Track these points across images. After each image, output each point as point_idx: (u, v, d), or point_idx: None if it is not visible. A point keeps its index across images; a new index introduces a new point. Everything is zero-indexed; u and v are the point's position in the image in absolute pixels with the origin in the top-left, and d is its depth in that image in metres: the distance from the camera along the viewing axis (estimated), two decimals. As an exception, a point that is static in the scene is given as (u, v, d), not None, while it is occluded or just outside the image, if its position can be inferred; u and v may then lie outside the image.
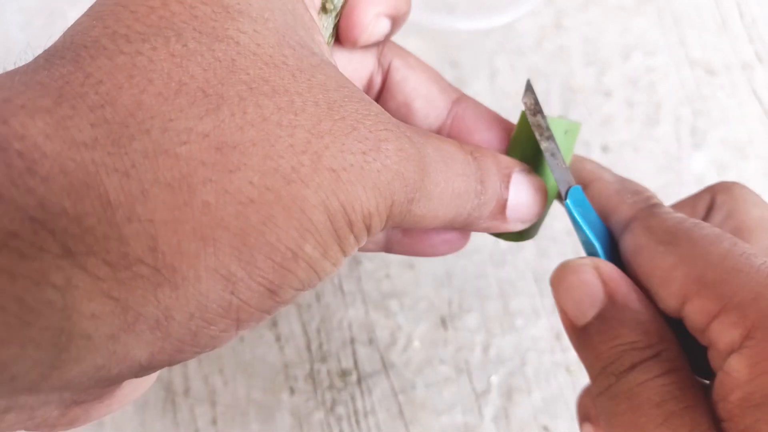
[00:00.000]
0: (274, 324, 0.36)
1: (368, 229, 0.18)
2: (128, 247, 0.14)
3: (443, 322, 0.37)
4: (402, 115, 0.24)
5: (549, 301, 0.38)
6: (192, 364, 0.35)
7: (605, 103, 0.43)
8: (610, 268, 0.20)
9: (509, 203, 0.21)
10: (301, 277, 0.17)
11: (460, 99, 0.25)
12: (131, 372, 0.16)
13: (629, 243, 0.21)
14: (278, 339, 0.36)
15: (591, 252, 0.22)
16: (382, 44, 0.24)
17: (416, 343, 0.37)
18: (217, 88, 0.15)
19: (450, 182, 0.19)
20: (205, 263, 0.15)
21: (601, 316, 0.20)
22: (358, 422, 0.35)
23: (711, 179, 0.41)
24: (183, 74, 0.15)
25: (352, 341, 0.36)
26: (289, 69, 0.17)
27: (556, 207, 0.40)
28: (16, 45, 0.42)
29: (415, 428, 0.35)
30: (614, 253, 0.22)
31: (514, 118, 0.25)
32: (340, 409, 0.35)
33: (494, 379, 0.36)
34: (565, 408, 0.36)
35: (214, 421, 0.34)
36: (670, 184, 0.40)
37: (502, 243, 0.39)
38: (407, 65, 0.25)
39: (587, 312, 0.20)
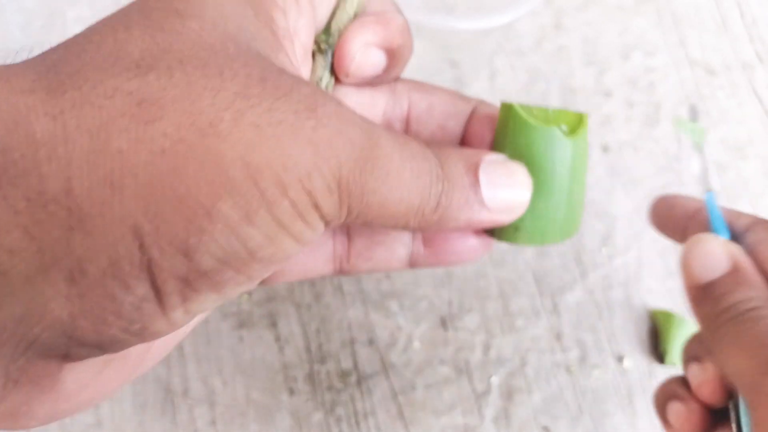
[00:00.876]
0: (274, 324, 0.36)
1: (312, 197, 0.17)
2: (46, 184, 0.14)
3: (443, 323, 0.37)
4: (439, 139, 0.25)
5: (549, 301, 0.38)
6: (191, 364, 0.35)
7: (605, 103, 0.43)
8: (736, 246, 0.23)
9: (485, 191, 0.20)
10: (219, 241, 0.16)
11: (479, 106, 0.25)
12: (58, 339, 0.15)
13: (752, 239, 0.24)
14: (278, 339, 0.36)
15: None
16: (391, 83, 0.24)
17: (416, 344, 0.36)
18: (149, 60, 0.16)
19: (406, 161, 0.19)
20: (112, 211, 0.15)
21: (724, 278, 0.23)
22: (357, 423, 0.35)
23: (711, 179, 0.41)
24: (121, 52, 0.16)
25: (352, 342, 0.36)
26: (227, 53, 0.17)
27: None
28: (16, 45, 0.42)
29: (415, 429, 0.35)
30: None
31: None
32: (340, 410, 0.35)
33: (494, 380, 0.36)
34: (565, 408, 0.36)
35: (213, 422, 0.34)
36: (670, 184, 0.40)
37: (502, 243, 0.39)
38: (427, 92, 0.25)
39: (712, 273, 0.23)
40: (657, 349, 0.37)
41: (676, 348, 0.36)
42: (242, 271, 0.17)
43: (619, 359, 0.37)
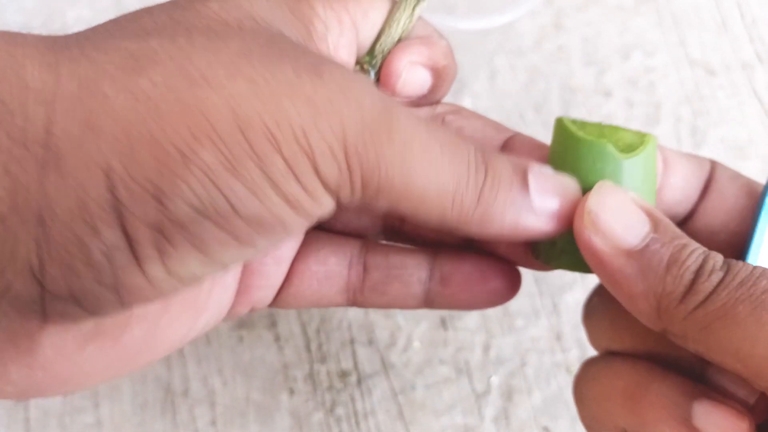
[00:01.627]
0: (274, 324, 0.36)
1: (311, 158, 0.16)
2: (29, 124, 0.15)
3: (443, 323, 0.37)
4: None
5: (549, 301, 0.38)
6: (191, 364, 0.35)
7: (605, 103, 0.43)
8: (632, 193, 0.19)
9: (534, 196, 0.19)
10: (195, 188, 0.15)
11: (515, 136, 0.23)
12: (30, 288, 0.15)
13: None
14: (277, 339, 0.36)
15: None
16: (432, 103, 0.23)
17: (416, 344, 0.36)
18: (156, 29, 0.16)
19: (435, 139, 0.17)
20: (86, 151, 0.15)
21: (659, 233, 0.18)
22: (357, 423, 0.35)
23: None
24: (135, 27, 0.17)
25: (352, 342, 0.36)
26: (238, 26, 0.17)
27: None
28: (15, 45, 0.42)
29: (415, 429, 0.35)
30: None
31: (515, 119, 0.25)
32: (340, 410, 0.35)
33: (494, 380, 0.36)
34: (565, 408, 0.36)
35: (213, 422, 0.34)
36: (670, 184, 0.40)
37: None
38: (461, 116, 0.24)
39: (641, 232, 0.18)
40: (657, 349, 0.37)
41: (676, 348, 0.36)
42: (224, 226, 0.16)
43: (619, 359, 0.37)
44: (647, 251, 0.18)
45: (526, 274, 0.40)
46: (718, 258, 0.18)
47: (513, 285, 0.23)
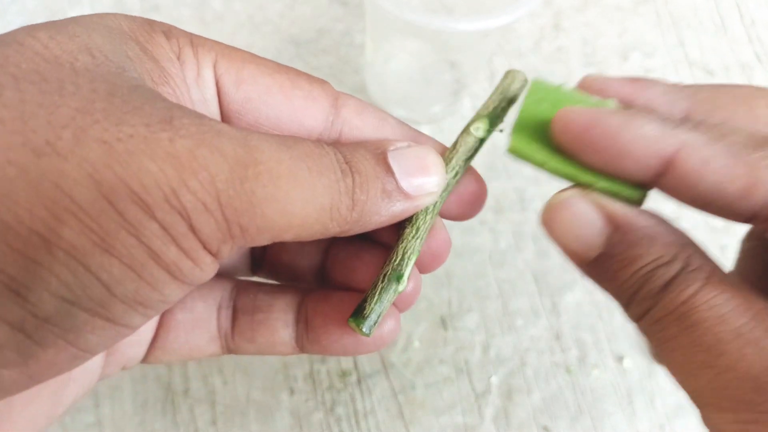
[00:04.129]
0: (274, 324, 0.36)
1: (186, 218, 0.14)
2: None
3: (443, 322, 0.37)
4: None
5: (548, 301, 0.38)
6: (192, 364, 0.35)
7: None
8: (597, 194, 0.19)
9: (399, 177, 0.19)
10: (61, 275, 0.13)
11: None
12: None
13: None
14: (278, 339, 0.36)
15: None
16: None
17: (416, 344, 0.37)
18: None
19: (300, 160, 0.16)
20: None
21: (611, 243, 0.18)
22: (357, 422, 0.35)
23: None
24: None
25: (352, 341, 0.36)
26: (72, 66, 0.15)
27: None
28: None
29: (415, 428, 0.35)
30: None
31: (514, 118, 0.25)
32: (340, 410, 0.35)
33: (494, 379, 0.36)
34: (564, 408, 0.36)
35: (213, 421, 0.34)
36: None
37: (502, 243, 0.39)
38: (360, 117, 0.22)
39: (593, 243, 0.18)
40: (656, 349, 0.37)
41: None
42: (98, 313, 0.14)
43: (619, 359, 0.37)
44: (599, 263, 0.18)
45: (526, 275, 0.40)
46: (657, 283, 0.17)
47: (367, 340, 0.21)
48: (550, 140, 0.19)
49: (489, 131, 0.21)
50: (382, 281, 0.20)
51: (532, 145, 0.20)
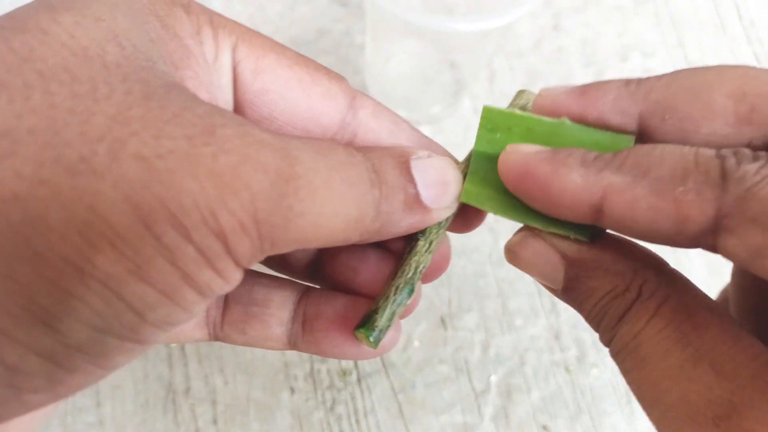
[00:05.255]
0: (275, 324, 0.36)
1: (223, 239, 0.13)
2: None
3: (443, 322, 0.37)
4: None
5: (548, 300, 0.38)
6: (192, 363, 0.35)
7: (604, 103, 0.43)
8: (550, 235, 0.19)
9: (421, 190, 0.18)
10: (94, 305, 0.13)
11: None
12: None
13: None
14: (278, 339, 0.36)
15: None
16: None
17: (416, 343, 0.37)
18: (1, 76, 0.13)
19: (335, 170, 0.16)
20: None
21: (569, 278, 0.18)
22: (358, 421, 0.35)
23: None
24: None
25: (352, 341, 0.36)
26: (103, 61, 0.14)
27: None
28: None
29: (415, 427, 0.35)
30: None
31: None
32: (340, 409, 0.35)
33: (493, 379, 0.36)
34: (564, 407, 0.36)
35: (214, 421, 0.34)
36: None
37: (501, 242, 0.39)
38: (377, 119, 0.21)
39: (555, 277, 0.18)
40: (655, 348, 0.37)
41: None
42: (128, 337, 0.14)
43: (618, 358, 0.37)
44: (566, 296, 0.19)
45: (525, 274, 0.40)
46: (613, 315, 0.17)
47: (368, 349, 0.20)
48: (492, 200, 0.20)
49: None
50: (394, 293, 0.20)
51: (486, 190, 0.20)
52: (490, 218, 0.39)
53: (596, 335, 0.37)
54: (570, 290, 0.18)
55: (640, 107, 0.18)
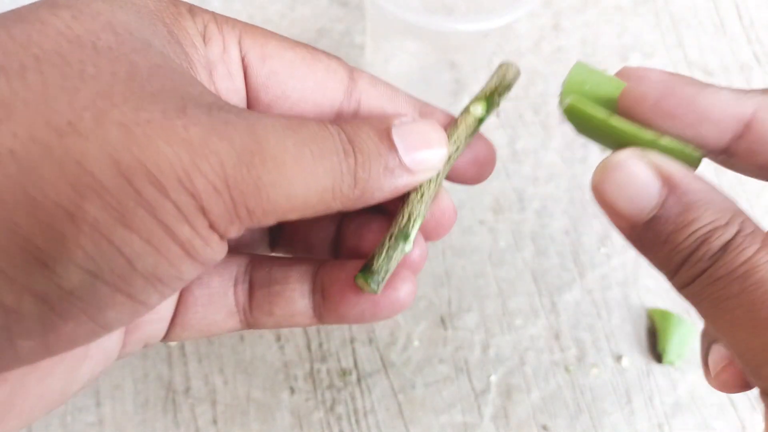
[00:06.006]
0: (274, 324, 0.37)
1: (197, 199, 0.15)
2: None
3: (442, 322, 0.37)
4: None
5: (548, 300, 0.38)
6: (192, 363, 0.35)
7: (604, 103, 0.43)
8: (655, 155, 0.19)
9: (402, 153, 0.19)
10: (87, 248, 0.14)
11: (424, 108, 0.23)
12: None
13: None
14: (278, 338, 0.36)
15: None
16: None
17: (416, 343, 0.37)
18: (1, 59, 0.15)
19: (304, 145, 0.17)
20: None
21: (667, 206, 0.18)
22: (357, 421, 0.35)
23: (709, 179, 0.41)
24: None
25: (352, 341, 0.36)
26: (94, 46, 0.15)
27: (556, 211, 0.40)
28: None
29: (415, 427, 0.35)
30: None
31: (514, 119, 0.25)
32: (340, 409, 0.35)
33: (493, 379, 0.36)
34: (564, 407, 0.36)
35: (214, 421, 0.34)
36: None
37: (501, 242, 0.39)
38: (374, 87, 0.23)
39: (648, 205, 0.18)
40: (655, 349, 0.37)
41: (673, 347, 0.36)
42: (120, 287, 0.15)
43: (618, 358, 0.37)
44: (652, 226, 0.18)
45: (525, 274, 0.40)
46: (715, 244, 0.17)
47: (393, 299, 0.21)
48: (602, 110, 0.20)
49: (487, 112, 0.23)
50: (389, 240, 0.21)
51: (589, 105, 0.20)
52: (491, 218, 0.39)
53: (596, 335, 0.37)
54: (661, 220, 0.18)
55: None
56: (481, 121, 0.22)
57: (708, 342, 0.24)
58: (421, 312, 0.37)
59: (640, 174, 0.18)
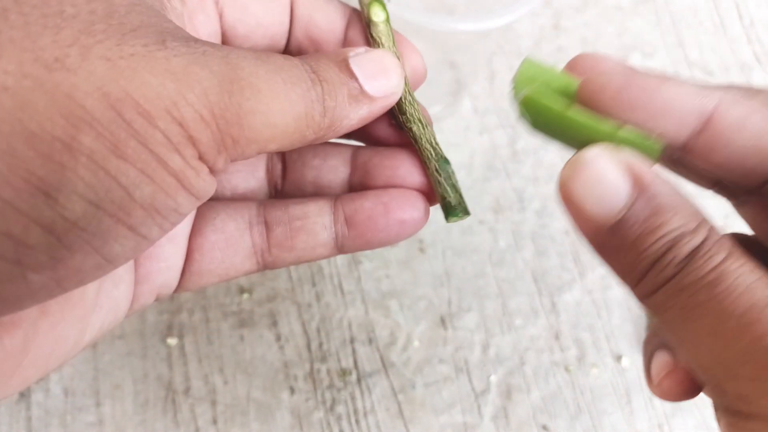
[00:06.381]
0: (274, 323, 0.36)
1: (185, 128, 0.15)
2: None
3: (442, 322, 0.37)
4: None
5: (548, 300, 0.38)
6: (192, 363, 0.35)
7: (604, 103, 0.43)
8: (627, 154, 0.18)
9: (362, 81, 0.20)
10: (85, 177, 0.14)
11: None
12: None
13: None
14: (278, 338, 0.36)
15: None
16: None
17: (416, 343, 0.37)
18: None
19: (275, 73, 0.18)
20: None
21: (635, 209, 0.17)
22: (357, 421, 0.35)
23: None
24: None
25: (352, 341, 0.36)
26: None
27: (556, 211, 0.40)
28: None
29: (415, 427, 0.35)
30: None
31: (514, 119, 0.25)
32: (340, 409, 0.35)
33: (493, 379, 0.36)
34: (564, 407, 0.36)
35: (214, 421, 0.34)
36: (669, 185, 0.40)
37: (501, 242, 0.39)
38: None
39: (616, 207, 0.17)
40: (655, 348, 0.37)
41: (674, 347, 0.36)
42: (121, 218, 0.15)
43: (618, 358, 0.37)
44: (618, 229, 0.18)
45: (525, 274, 0.40)
46: (683, 250, 0.17)
47: (418, 212, 0.22)
48: (559, 102, 0.19)
49: (385, 8, 0.23)
50: (438, 175, 0.22)
51: (546, 96, 0.20)
52: (491, 218, 0.39)
53: (596, 335, 0.37)
54: (628, 224, 0.17)
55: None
56: (388, 20, 0.23)
57: (651, 349, 0.23)
58: (421, 312, 0.37)
59: (610, 173, 0.18)
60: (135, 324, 0.36)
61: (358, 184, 0.24)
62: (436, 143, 0.22)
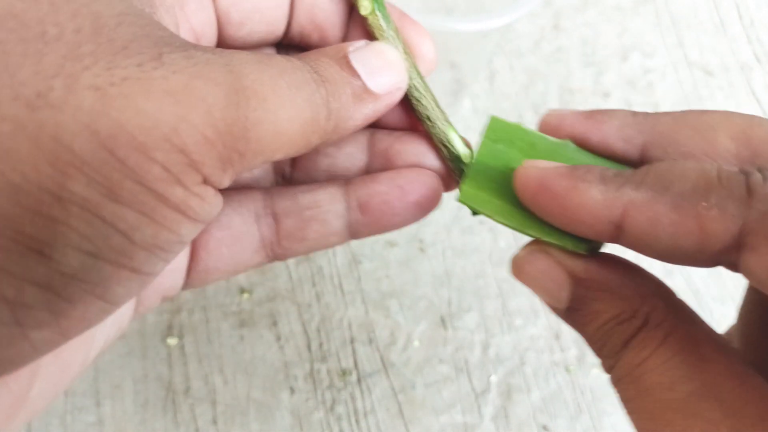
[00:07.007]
0: (274, 324, 0.36)
1: (187, 154, 0.14)
2: None
3: (443, 322, 0.37)
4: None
5: (548, 300, 0.38)
6: (192, 363, 0.35)
7: (604, 103, 0.43)
8: (558, 251, 0.19)
9: (365, 78, 0.19)
10: (80, 229, 0.13)
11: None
12: None
13: None
14: (278, 338, 0.36)
15: None
16: None
17: (416, 343, 0.37)
18: None
19: (279, 77, 0.17)
20: None
21: (575, 298, 0.18)
22: (357, 421, 0.35)
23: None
24: None
25: (352, 341, 0.36)
26: (50, 1, 0.14)
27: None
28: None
29: (415, 428, 0.35)
30: None
31: (514, 119, 0.25)
32: (340, 409, 0.35)
33: (493, 379, 0.36)
34: (564, 407, 0.36)
35: (214, 421, 0.34)
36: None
37: (501, 242, 0.39)
38: None
39: (560, 296, 0.18)
40: (655, 348, 0.37)
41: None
42: (122, 263, 0.14)
43: (618, 358, 0.37)
44: (569, 315, 0.18)
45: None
46: (617, 340, 0.17)
47: (434, 192, 0.21)
48: (505, 187, 0.20)
49: (373, 3, 0.22)
50: (450, 147, 0.22)
51: (483, 194, 0.21)
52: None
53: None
54: (574, 311, 0.18)
55: (645, 137, 0.18)
56: (377, 10, 0.22)
57: None
58: (421, 312, 0.37)
59: (547, 269, 0.18)
60: (135, 324, 0.36)
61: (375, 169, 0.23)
62: (450, 125, 0.22)
